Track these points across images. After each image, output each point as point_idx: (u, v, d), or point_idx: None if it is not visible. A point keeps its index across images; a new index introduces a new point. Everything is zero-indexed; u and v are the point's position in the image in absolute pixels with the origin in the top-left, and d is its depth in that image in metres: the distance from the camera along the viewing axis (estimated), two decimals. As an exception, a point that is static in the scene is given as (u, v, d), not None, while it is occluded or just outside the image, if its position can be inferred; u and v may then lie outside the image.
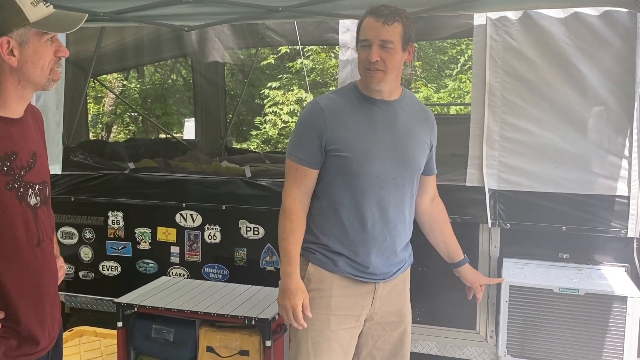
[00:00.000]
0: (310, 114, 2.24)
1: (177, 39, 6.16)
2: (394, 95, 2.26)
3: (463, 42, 10.91)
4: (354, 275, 2.25)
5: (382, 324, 2.34)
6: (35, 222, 1.68)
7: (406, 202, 2.29)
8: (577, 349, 2.88)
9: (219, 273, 3.88)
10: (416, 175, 2.31)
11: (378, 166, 2.19)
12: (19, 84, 1.63)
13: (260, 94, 12.08)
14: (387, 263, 2.28)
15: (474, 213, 3.32)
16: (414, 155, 2.27)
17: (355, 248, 2.23)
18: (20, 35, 1.59)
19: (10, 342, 1.65)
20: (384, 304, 2.32)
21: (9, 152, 1.62)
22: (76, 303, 4.19)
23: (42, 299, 1.72)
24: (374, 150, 2.19)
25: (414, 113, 2.33)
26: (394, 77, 2.20)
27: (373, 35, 2.12)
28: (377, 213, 2.21)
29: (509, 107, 3.23)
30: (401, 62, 2.20)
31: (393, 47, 2.12)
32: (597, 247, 3.22)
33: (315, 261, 2.27)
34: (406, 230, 2.33)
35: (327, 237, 2.25)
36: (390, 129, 2.23)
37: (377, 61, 2.11)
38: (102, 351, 3.56)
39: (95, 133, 12.94)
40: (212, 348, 3.01)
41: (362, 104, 2.24)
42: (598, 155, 3.13)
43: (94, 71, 5.81)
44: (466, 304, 3.39)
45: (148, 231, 4.01)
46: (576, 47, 3.12)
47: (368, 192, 2.19)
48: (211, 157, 5.57)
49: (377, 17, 2.11)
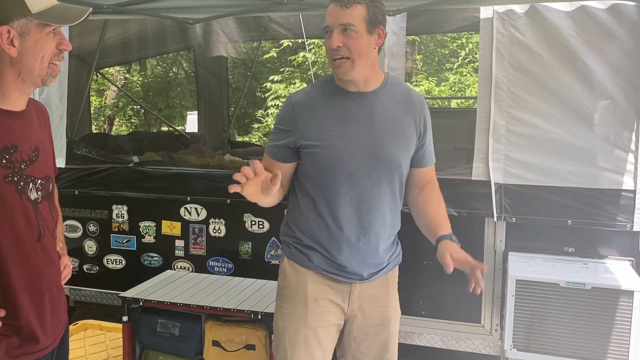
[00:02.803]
0: (283, 109, 2.17)
1: (181, 31, 6.14)
2: (371, 86, 2.11)
3: (463, 35, 10.91)
4: (329, 272, 2.15)
5: (364, 327, 2.22)
6: (35, 217, 1.66)
7: (385, 200, 2.15)
8: (584, 343, 2.88)
9: (224, 267, 3.88)
10: (396, 172, 2.15)
11: (348, 163, 2.06)
12: (18, 77, 1.61)
13: (262, 87, 12.08)
14: (363, 264, 2.15)
15: (480, 207, 3.31)
16: (390, 152, 2.11)
17: (328, 246, 2.14)
18: (21, 25, 1.57)
19: (12, 340, 1.63)
20: (365, 306, 2.20)
21: (8, 145, 1.60)
22: (80, 296, 4.19)
23: (42, 295, 1.70)
24: (344, 145, 2.06)
25: (397, 102, 2.16)
26: (364, 63, 2.03)
27: (332, 21, 2.01)
28: (349, 211, 2.10)
29: (515, 101, 3.22)
30: (370, 47, 2.03)
31: (355, 29, 1.99)
32: (603, 241, 3.22)
33: (291, 256, 2.21)
34: (387, 229, 2.20)
35: (301, 232, 2.18)
36: (365, 123, 2.09)
37: (339, 47, 1.99)
38: (107, 345, 3.58)
39: (97, 126, 12.94)
40: (218, 342, 3.02)
41: (336, 97, 2.11)
42: (604, 149, 3.13)
43: (97, 64, 5.79)
44: (471, 298, 3.40)
45: (153, 225, 4.01)
46: (583, 41, 3.11)
47: (339, 189, 2.08)
48: (214, 151, 5.56)
49: (337, 1, 2.01)
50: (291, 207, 2.23)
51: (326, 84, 2.16)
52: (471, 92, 10.13)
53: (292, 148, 2.12)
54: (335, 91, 2.12)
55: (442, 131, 4.27)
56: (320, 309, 2.16)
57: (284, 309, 2.20)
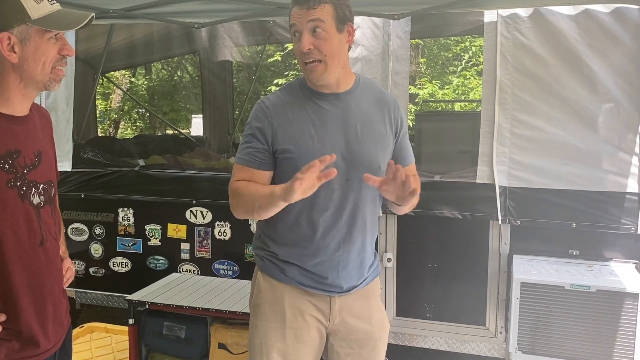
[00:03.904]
0: (256, 114, 2.03)
1: (186, 35, 6.18)
2: (343, 87, 2.03)
3: (467, 39, 10.92)
4: (306, 286, 2.04)
5: (348, 340, 2.11)
6: (38, 222, 1.66)
7: (367, 205, 2.06)
8: (589, 345, 2.89)
9: (229, 269, 3.90)
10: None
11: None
12: (21, 82, 1.60)
13: (267, 90, 12.11)
14: (344, 274, 2.05)
15: (484, 210, 3.32)
16: (369, 153, 2.02)
17: (306, 257, 2.02)
18: (21, 31, 1.56)
19: (12, 344, 1.63)
20: (347, 319, 2.09)
21: (11, 150, 1.60)
22: (86, 299, 4.21)
23: (44, 299, 1.70)
24: (321, 149, 1.93)
25: (371, 103, 2.08)
26: (337, 64, 1.96)
27: (300, 23, 1.92)
28: (329, 218, 2.00)
29: (519, 104, 3.23)
30: (341, 46, 1.96)
31: (325, 29, 1.90)
32: (607, 244, 3.23)
33: (265, 269, 2.09)
34: (367, 236, 2.09)
35: (276, 244, 2.06)
36: (340, 125, 2.01)
37: (310, 50, 1.91)
38: (113, 347, 3.59)
39: (103, 129, 12.98)
40: (224, 345, 3.03)
41: (309, 100, 2.02)
42: (608, 152, 3.13)
43: (103, 68, 5.83)
44: (475, 300, 3.41)
45: (158, 228, 4.03)
46: (587, 44, 3.11)
47: (317, 195, 1.87)
48: (219, 154, 5.59)
49: (301, 4, 1.92)
50: (264, 220, 2.04)
51: (297, 87, 2.07)
52: (475, 95, 10.15)
53: (269, 152, 2.00)
54: (307, 94, 2.04)
55: (446, 134, 4.32)
56: (299, 325, 2.05)
57: (260, 326, 2.07)
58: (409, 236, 3.53)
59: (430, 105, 9.79)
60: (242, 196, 1.99)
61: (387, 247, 3.53)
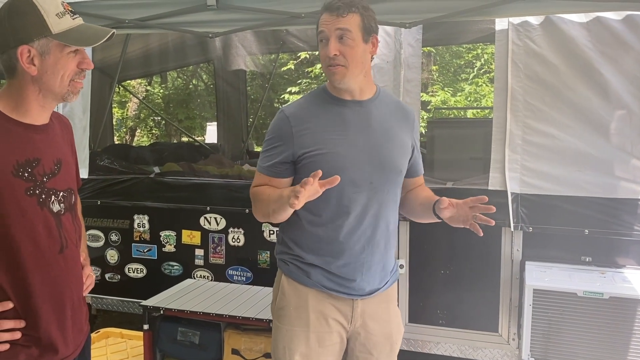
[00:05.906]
0: (276, 124, 2.09)
1: (201, 44, 6.24)
2: (366, 95, 2.09)
3: (479, 46, 10.91)
4: (330, 289, 2.07)
5: (367, 345, 2.14)
6: (57, 229, 1.67)
7: (389, 208, 2.10)
8: (601, 352, 2.88)
9: (243, 275, 3.93)
10: (398, 178, 2.13)
11: (351, 169, 2.00)
12: (39, 93, 1.62)
13: (280, 98, 12.17)
14: (368, 276, 2.08)
15: (497, 217, 3.28)
16: (392, 158, 2.08)
17: (331, 259, 2.05)
18: (41, 45, 1.58)
19: (32, 350, 1.63)
20: (368, 323, 2.12)
21: (30, 159, 1.61)
22: (102, 305, 4.26)
23: (64, 306, 1.70)
24: (346, 153, 2.01)
25: (391, 112, 2.14)
26: (359, 72, 2.02)
27: (328, 29, 1.98)
28: (353, 221, 2.04)
29: (531, 111, 3.24)
30: (365, 56, 2.01)
31: (352, 38, 1.96)
32: (620, 251, 3.21)
33: (290, 273, 2.11)
34: (390, 238, 2.14)
35: (300, 248, 2.09)
36: (364, 130, 2.05)
37: (335, 56, 1.96)
38: (129, 352, 3.62)
39: (119, 137, 13.11)
40: (237, 350, 3.05)
41: (332, 106, 2.07)
42: (621, 159, 3.13)
43: (119, 76, 5.90)
44: (488, 307, 3.41)
45: (173, 234, 4.07)
46: (598, 52, 3.12)
47: (342, 197, 2.00)
48: (233, 161, 5.63)
49: (331, 11, 1.98)
50: (287, 223, 2.09)
51: (320, 95, 2.12)
52: (487, 102, 10.13)
53: (289, 162, 2.06)
54: (330, 100, 2.08)
55: (459, 141, 4.33)
56: (323, 329, 2.07)
57: (284, 329, 2.10)
58: (421, 243, 3.53)
59: (443, 113, 9.79)
60: (259, 201, 2.08)
61: (399, 253, 3.54)
